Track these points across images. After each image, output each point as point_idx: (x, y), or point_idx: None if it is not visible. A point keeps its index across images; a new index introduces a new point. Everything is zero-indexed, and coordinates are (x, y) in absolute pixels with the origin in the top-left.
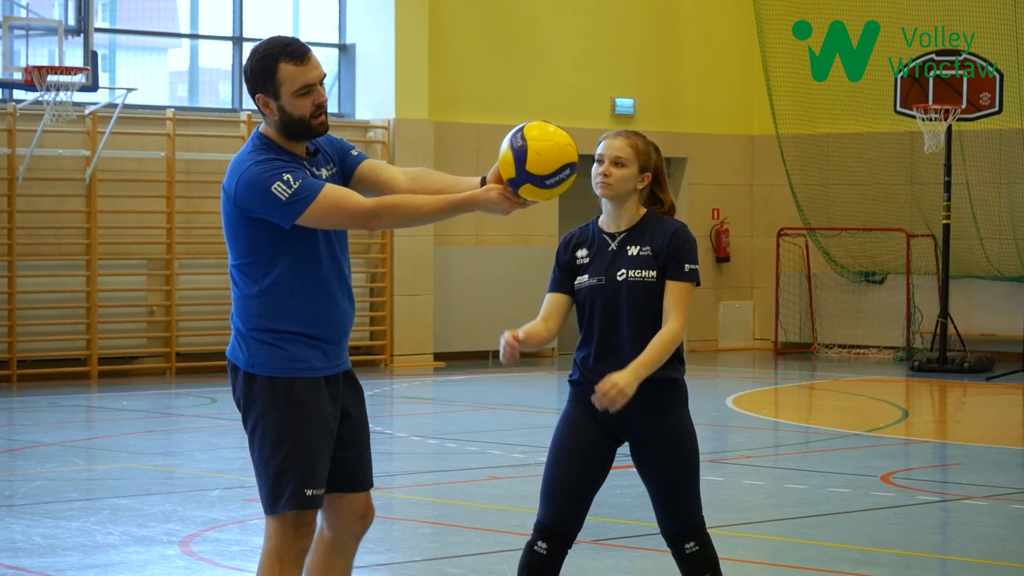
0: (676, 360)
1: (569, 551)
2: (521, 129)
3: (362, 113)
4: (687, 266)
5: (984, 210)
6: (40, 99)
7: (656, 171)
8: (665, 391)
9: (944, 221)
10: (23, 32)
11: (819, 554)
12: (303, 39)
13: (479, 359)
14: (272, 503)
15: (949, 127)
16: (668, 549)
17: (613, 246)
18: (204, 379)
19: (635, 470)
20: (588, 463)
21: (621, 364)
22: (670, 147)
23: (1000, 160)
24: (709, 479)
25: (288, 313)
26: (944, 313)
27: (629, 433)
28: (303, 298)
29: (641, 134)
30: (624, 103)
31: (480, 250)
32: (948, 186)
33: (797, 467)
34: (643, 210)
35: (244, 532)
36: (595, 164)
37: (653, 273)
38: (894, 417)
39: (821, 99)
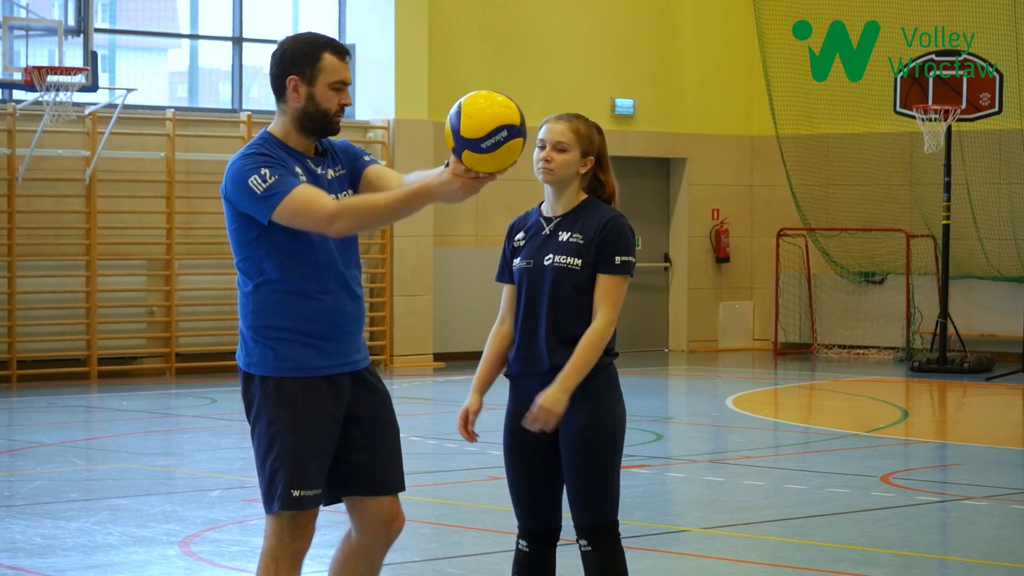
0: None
1: (557, 545)
2: (461, 100)
3: (362, 113)
4: (618, 258)
5: (984, 210)
6: (40, 99)
7: (599, 154)
8: (586, 380)
9: (944, 221)
10: (23, 32)
11: (819, 554)
12: None
13: (478, 359)
14: (267, 503)
15: (949, 127)
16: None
17: (547, 230)
18: (204, 379)
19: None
20: (539, 460)
21: (538, 353)
22: (670, 147)
23: (1000, 160)
24: (709, 479)
25: (279, 310)
26: (944, 313)
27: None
28: (294, 295)
29: (583, 117)
30: (624, 103)
31: (480, 250)
32: (948, 186)
33: (797, 467)
34: (583, 196)
35: (244, 532)
36: (536, 149)
37: (579, 261)
38: (894, 417)
39: (821, 99)
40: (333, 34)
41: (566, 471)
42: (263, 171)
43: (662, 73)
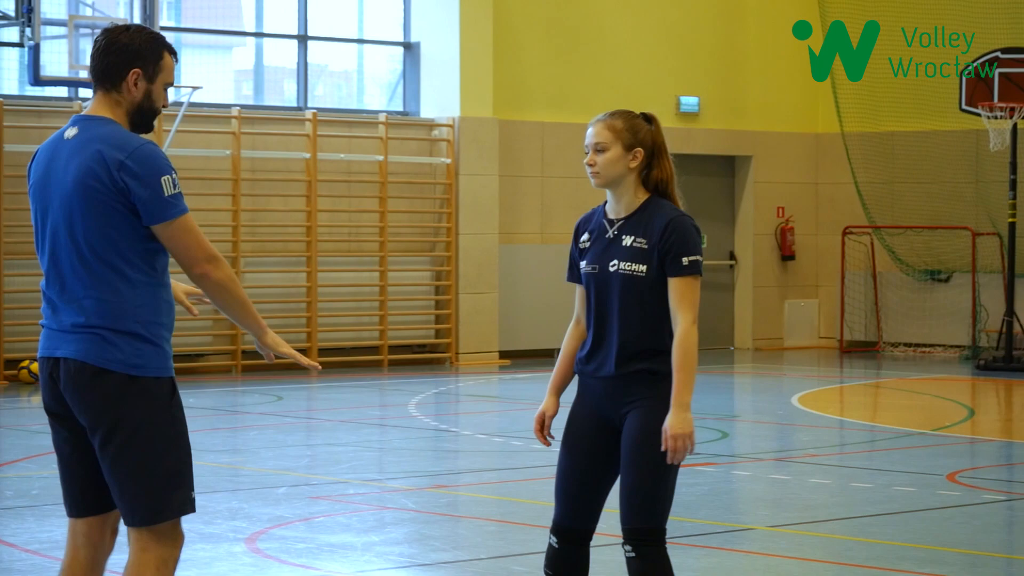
0: (663, 353)
1: (588, 546)
2: None
3: (427, 111)
4: (685, 259)
5: None
6: None
7: (652, 143)
8: (648, 384)
9: (1010, 219)
10: (88, 31)
11: (885, 553)
12: (368, 37)
13: (544, 357)
14: (160, 510)
15: (1015, 125)
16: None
17: (611, 233)
18: (270, 377)
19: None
20: (591, 461)
21: (606, 359)
22: (735, 145)
23: None
24: (775, 477)
25: (159, 307)
26: (1010, 311)
27: (620, 422)
28: (166, 289)
29: (624, 112)
30: (689, 101)
31: (545, 248)
32: (1014, 184)
33: (863, 466)
34: (643, 195)
35: (310, 529)
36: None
37: (643, 268)
38: (960, 416)
39: (886, 97)
40: (398, 32)
41: (622, 469)
42: (174, 175)
43: (727, 71)
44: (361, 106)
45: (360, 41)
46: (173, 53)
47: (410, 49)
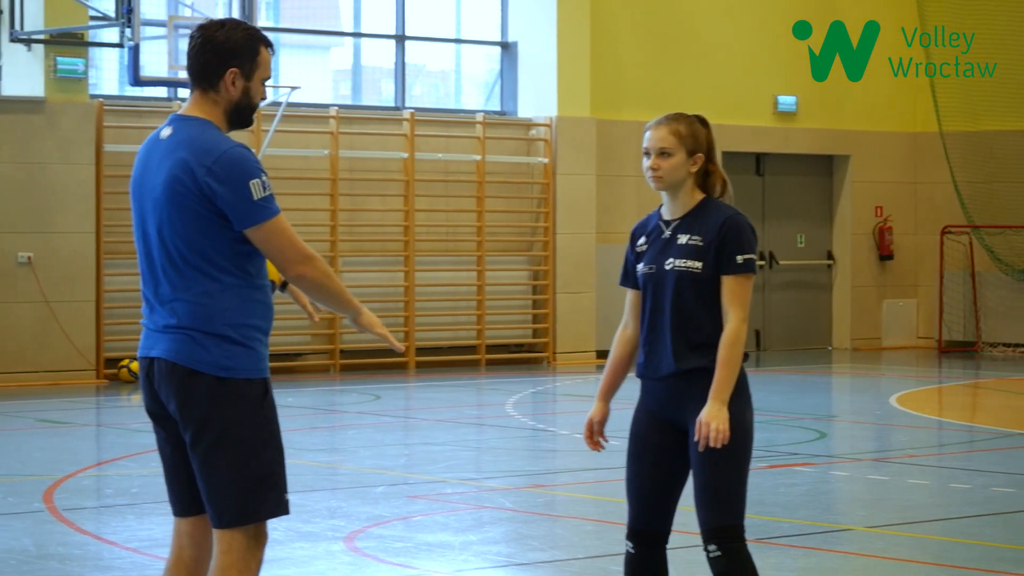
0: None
1: (665, 549)
2: None
3: (524, 111)
4: (739, 257)
5: None
6: None
7: (708, 148)
8: (710, 381)
9: None
10: (187, 31)
11: (984, 554)
12: (466, 37)
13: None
14: (248, 512)
15: None
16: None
17: (667, 233)
18: (368, 376)
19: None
20: (659, 463)
21: (663, 357)
22: (833, 144)
23: None
24: (872, 478)
25: (253, 309)
26: None
27: (685, 423)
28: (262, 291)
29: (684, 116)
30: (786, 100)
31: None
32: None
33: (962, 466)
34: (699, 196)
35: (408, 528)
36: (644, 157)
37: (699, 264)
38: None
39: (985, 96)
40: (495, 32)
41: (695, 472)
42: (264, 178)
43: None
44: (458, 106)
45: (457, 41)
46: (269, 45)
47: (507, 49)
